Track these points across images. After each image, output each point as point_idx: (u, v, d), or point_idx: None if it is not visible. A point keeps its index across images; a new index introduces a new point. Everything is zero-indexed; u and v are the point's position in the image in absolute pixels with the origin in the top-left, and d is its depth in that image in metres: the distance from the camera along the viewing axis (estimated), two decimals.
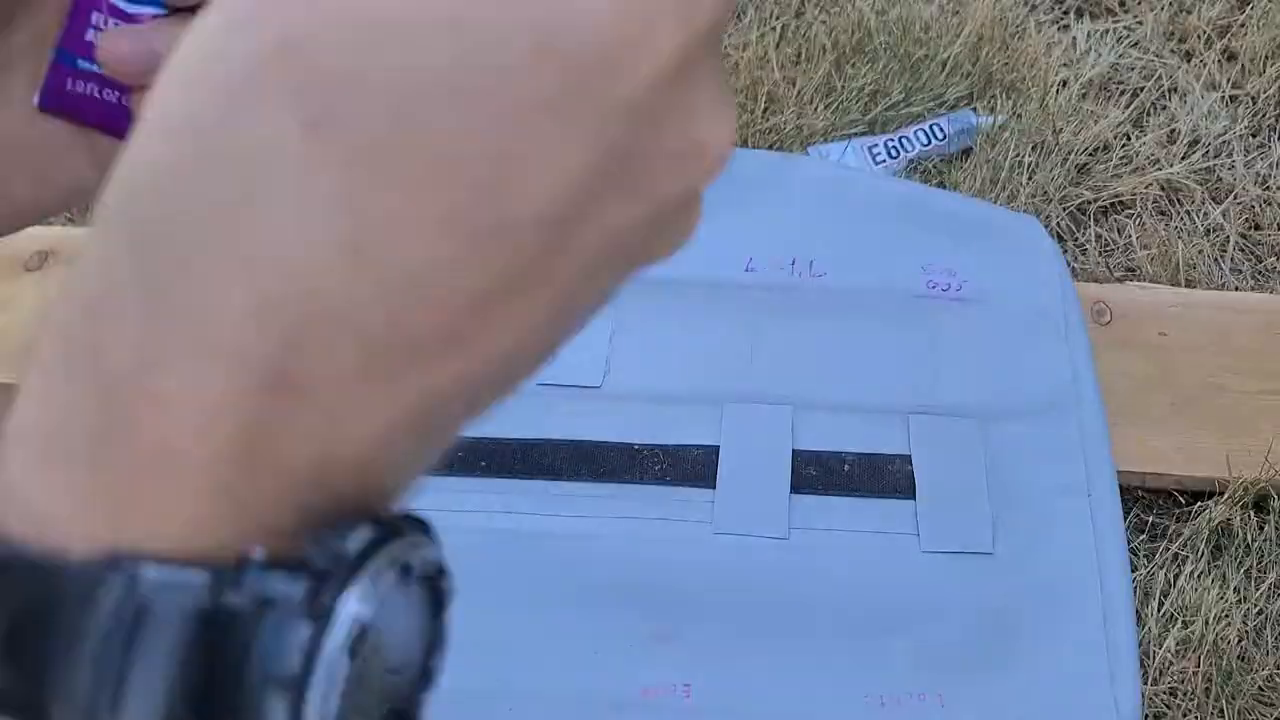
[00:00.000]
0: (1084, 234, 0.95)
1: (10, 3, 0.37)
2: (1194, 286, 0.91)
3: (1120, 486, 0.74)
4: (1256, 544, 0.76)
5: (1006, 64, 1.04)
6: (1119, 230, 0.95)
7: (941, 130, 0.98)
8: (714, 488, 0.72)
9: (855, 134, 0.99)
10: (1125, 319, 0.86)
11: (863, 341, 0.79)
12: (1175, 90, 1.05)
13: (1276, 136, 1.01)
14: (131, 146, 0.18)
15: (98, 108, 0.36)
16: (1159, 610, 0.73)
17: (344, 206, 0.17)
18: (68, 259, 0.86)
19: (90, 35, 0.36)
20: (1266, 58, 1.05)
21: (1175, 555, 0.76)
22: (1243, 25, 1.08)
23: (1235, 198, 0.97)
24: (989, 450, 0.75)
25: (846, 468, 0.73)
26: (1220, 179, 0.98)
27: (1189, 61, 1.07)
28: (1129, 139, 1.01)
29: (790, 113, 0.99)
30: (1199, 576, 0.75)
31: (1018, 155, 0.96)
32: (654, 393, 0.76)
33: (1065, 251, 0.90)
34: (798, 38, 1.04)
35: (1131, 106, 1.02)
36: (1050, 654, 0.67)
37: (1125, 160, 0.99)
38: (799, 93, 1.00)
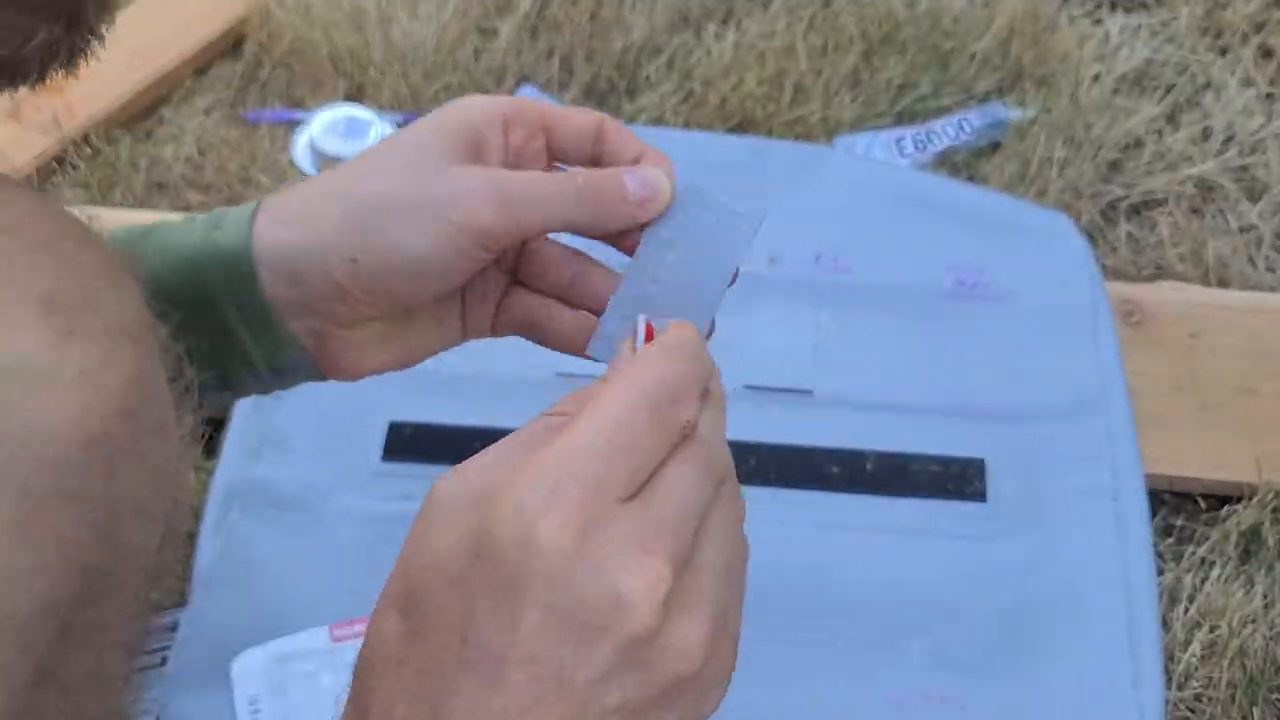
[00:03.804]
0: (1114, 231, 0.94)
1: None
2: (1227, 286, 0.90)
3: (1148, 489, 0.73)
4: None
5: (1037, 58, 1.03)
6: (1151, 228, 0.94)
7: (970, 124, 0.97)
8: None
9: (882, 126, 0.98)
10: (1155, 319, 0.84)
11: (888, 339, 0.78)
12: (1210, 86, 1.03)
13: None
14: None
15: None
16: (1185, 615, 0.72)
17: None
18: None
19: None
20: None
21: (1202, 560, 0.75)
22: (1279, 22, 1.06)
23: (1270, 196, 0.95)
24: (1014, 451, 0.74)
25: (869, 466, 0.72)
26: (1255, 177, 0.97)
27: (1224, 57, 1.05)
28: (1161, 135, 0.99)
29: (817, 103, 0.98)
30: (1226, 581, 0.74)
31: (1048, 150, 0.95)
32: None
33: (1095, 249, 0.89)
34: (825, 28, 1.03)
35: (1165, 102, 1.01)
36: (1073, 657, 0.67)
37: (1158, 157, 0.97)
38: (826, 83, 0.99)
